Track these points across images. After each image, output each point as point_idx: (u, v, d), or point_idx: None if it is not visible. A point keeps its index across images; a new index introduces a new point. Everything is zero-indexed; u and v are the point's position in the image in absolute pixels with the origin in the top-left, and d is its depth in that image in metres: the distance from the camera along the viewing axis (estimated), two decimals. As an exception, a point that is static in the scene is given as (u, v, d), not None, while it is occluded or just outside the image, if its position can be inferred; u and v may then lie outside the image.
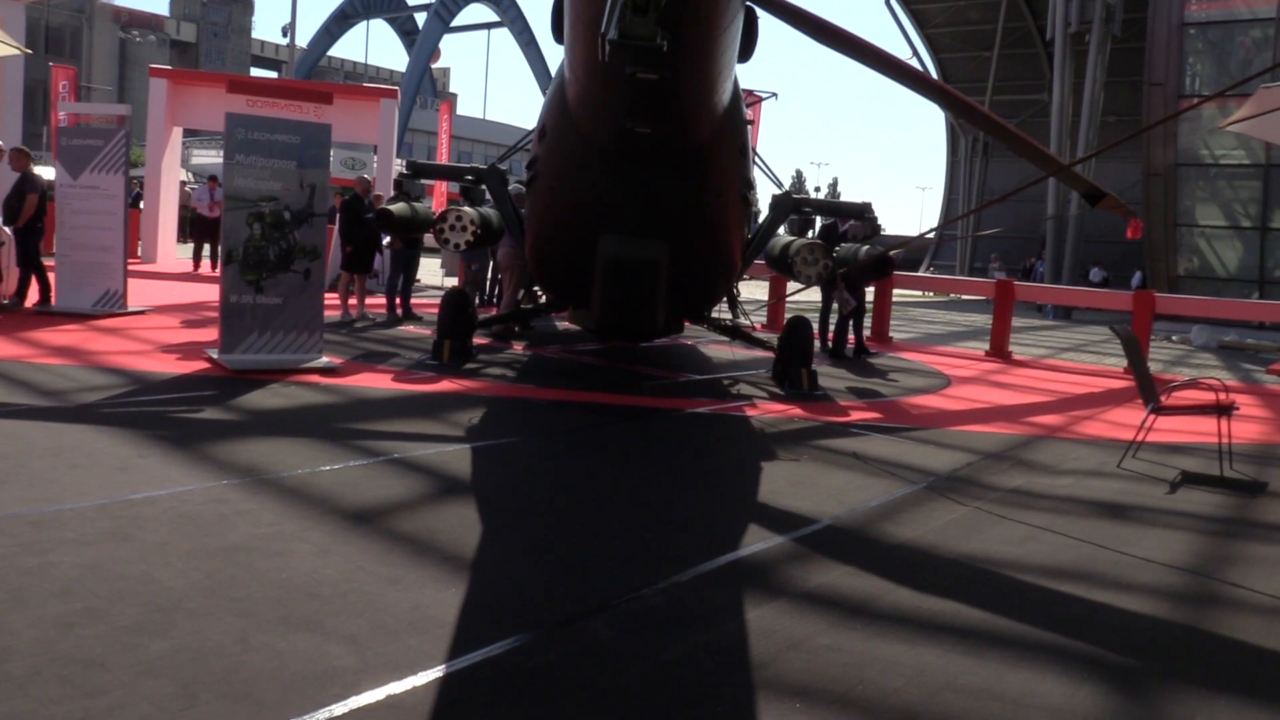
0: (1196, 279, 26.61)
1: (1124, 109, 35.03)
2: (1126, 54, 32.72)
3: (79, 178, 11.54)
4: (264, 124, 9.07)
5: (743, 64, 6.73)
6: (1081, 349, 17.27)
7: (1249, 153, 25.75)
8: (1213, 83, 26.05)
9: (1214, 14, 26.31)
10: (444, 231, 9.61)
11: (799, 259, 9.74)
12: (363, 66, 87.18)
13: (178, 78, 22.01)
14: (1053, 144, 29.87)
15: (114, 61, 76.05)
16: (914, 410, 9.36)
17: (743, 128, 7.98)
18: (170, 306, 12.94)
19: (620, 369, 10.66)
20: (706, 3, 5.01)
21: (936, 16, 44.77)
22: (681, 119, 6.61)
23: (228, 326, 8.66)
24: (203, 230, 19.89)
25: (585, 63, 6.04)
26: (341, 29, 61.40)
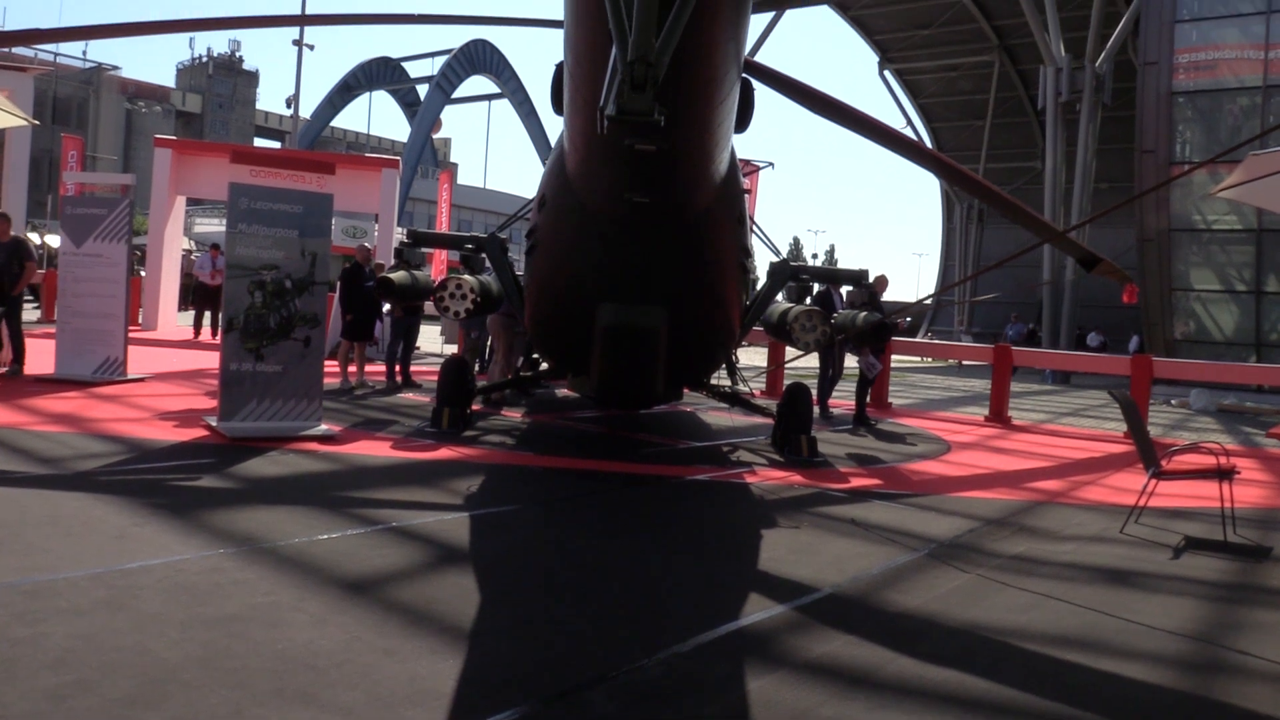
0: (1194, 343, 26.72)
1: (1116, 176, 35.52)
2: (1117, 122, 33.29)
3: (82, 246, 11.66)
4: (267, 194, 9.19)
5: (740, 134, 6.84)
6: (1081, 414, 17.26)
7: (1241, 218, 26.04)
8: (1203, 149, 26.44)
9: (1202, 83, 26.80)
10: (444, 300, 9.67)
11: (797, 325, 9.79)
12: (365, 137, 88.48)
13: (182, 148, 22.33)
14: (1047, 211, 30.25)
15: (120, 131, 77.20)
16: (914, 476, 9.33)
17: (740, 197, 8.08)
18: (170, 374, 12.97)
19: (619, 436, 10.65)
20: (703, 78, 5.11)
21: (929, 87, 45.59)
22: (680, 189, 6.70)
23: (227, 394, 8.67)
24: (204, 298, 20.02)
25: (584, 134, 6.14)
26: (344, 100, 62.49)
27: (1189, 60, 26.88)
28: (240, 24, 18.45)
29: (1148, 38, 27.28)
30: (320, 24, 44.43)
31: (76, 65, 72.82)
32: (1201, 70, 26.87)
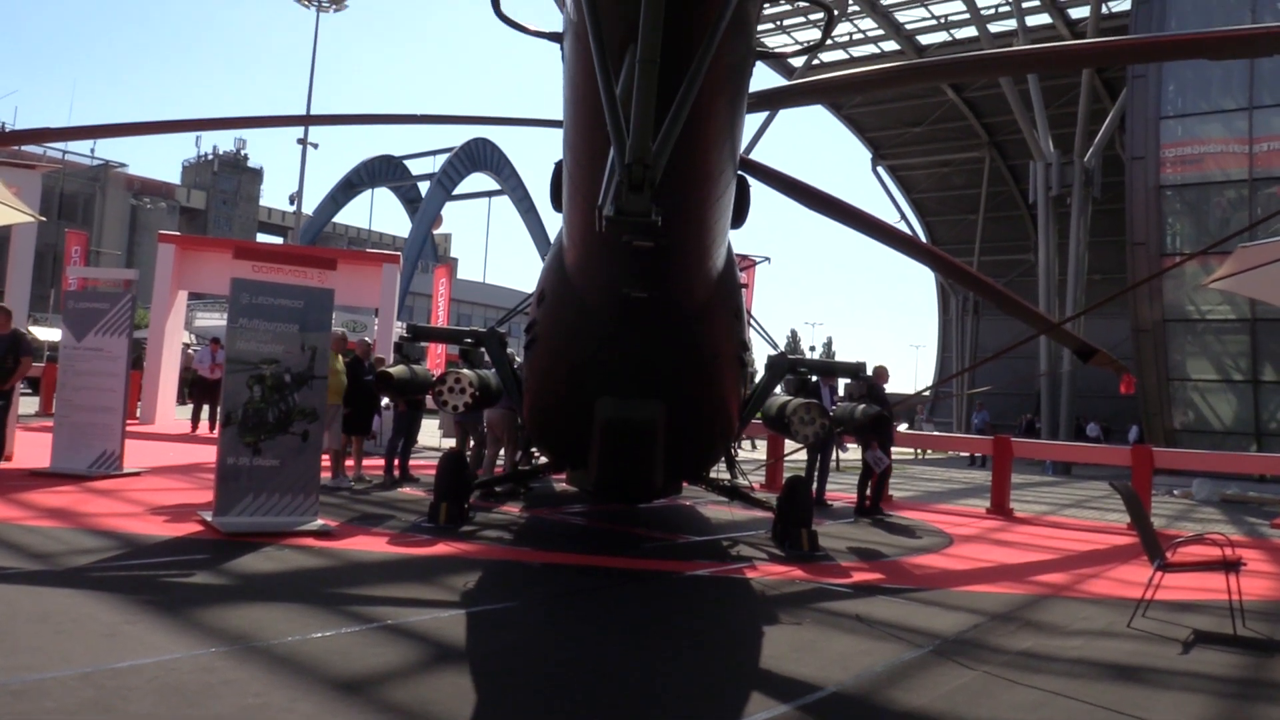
0: (1193, 432, 26.68)
1: (1109, 267, 35.95)
2: (1108, 215, 33.82)
3: (83, 340, 11.72)
4: (268, 289, 9.28)
5: (736, 229, 6.95)
6: (1083, 505, 17.14)
7: (1234, 308, 26.27)
8: (1193, 241, 26.81)
9: (1189, 177, 27.32)
10: (443, 394, 9.68)
11: (796, 418, 9.79)
12: (366, 232, 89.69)
13: (185, 243, 22.61)
14: (1041, 302, 30.51)
15: (124, 227, 78.30)
16: (917, 570, 9.22)
17: (737, 291, 8.17)
18: (167, 468, 12.90)
19: (618, 531, 10.54)
20: (700, 177, 5.21)
21: (922, 182, 46.46)
22: (677, 284, 6.78)
23: (223, 488, 8.61)
24: (203, 391, 20.04)
25: (583, 231, 6.24)
26: (347, 197, 63.49)
27: (1175, 155, 27.44)
28: (246, 124, 18.85)
29: (1134, 133, 27.91)
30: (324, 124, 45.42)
31: (84, 162, 74.23)
32: (1188, 164, 27.41)
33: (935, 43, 36.78)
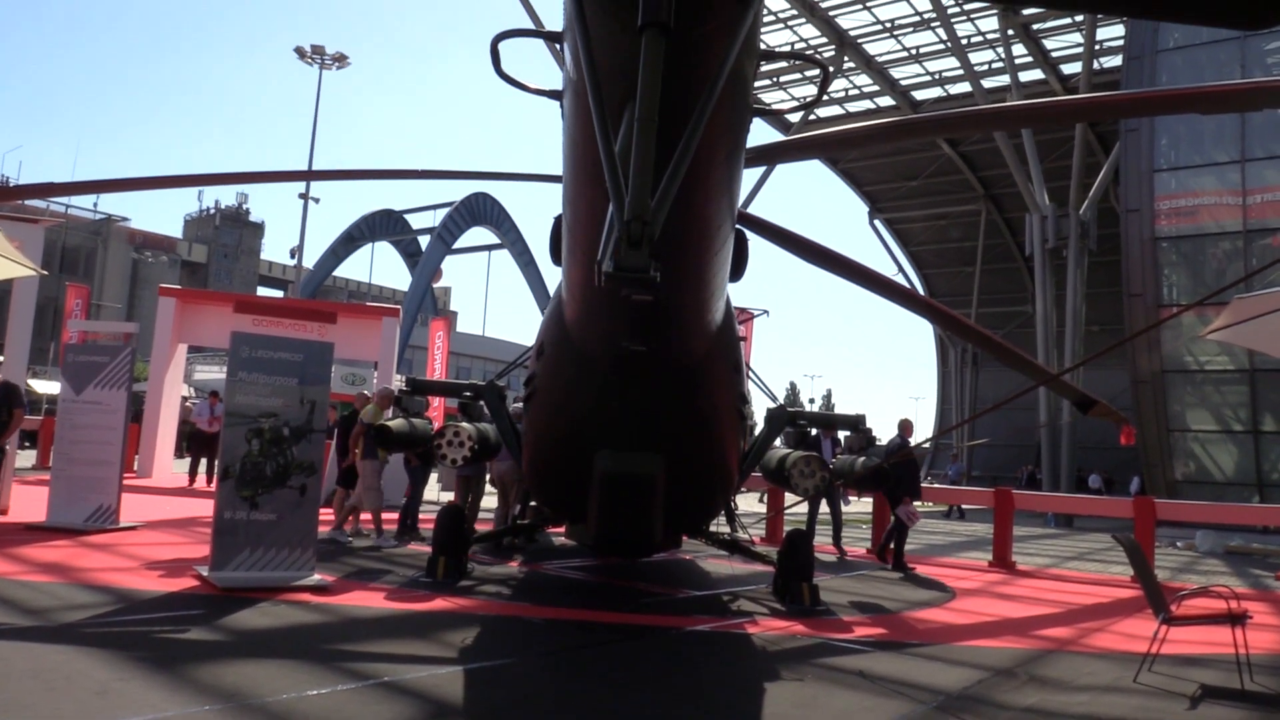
0: (1195, 483, 26.59)
1: (1107, 318, 36.11)
2: (1104, 266, 34.06)
3: (82, 393, 11.72)
4: (268, 342, 9.29)
5: (734, 283, 6.98)
6: (1085, 557, 17.01)
7: (1232, 358, 26.33)
8: (1189, 292, 26.96)
9: (1184, 228, 27.54)
10: (441, 447, 9.65)
11: (796, 471, 9.76)
12: (366, 285, 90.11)
13: (186, 297, 22.71)
14: (1040, 354, 30.60)
15: (125, 280, 78.64)
16: (920, 625, 9.12)
17: (736, 344, 8.18)
18: (163, 522, 12.82)
19: (618, 585, 10.45)
20: (698, 232, 5.26)
21: (919, 235, 46.83)
22: (676, 338, 6.80)
23: (219, 543, 8.55)
24: (200, 445, 20.00)
25: (582, 285, 6.27)
26: (347, 251, 63.81)
27: (1170, 206, 27.70)
28: (249, 179, 18.95)
29: (1128, 186, 28.20)
30: (326, 179, 45.84)
31: (87, 216, 74.77)
32: (1183, 216, 27.66)
33: (930, 98, 37.32)
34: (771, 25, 32.78)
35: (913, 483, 13.39)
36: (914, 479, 13.52)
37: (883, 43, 34.37)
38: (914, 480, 13.50)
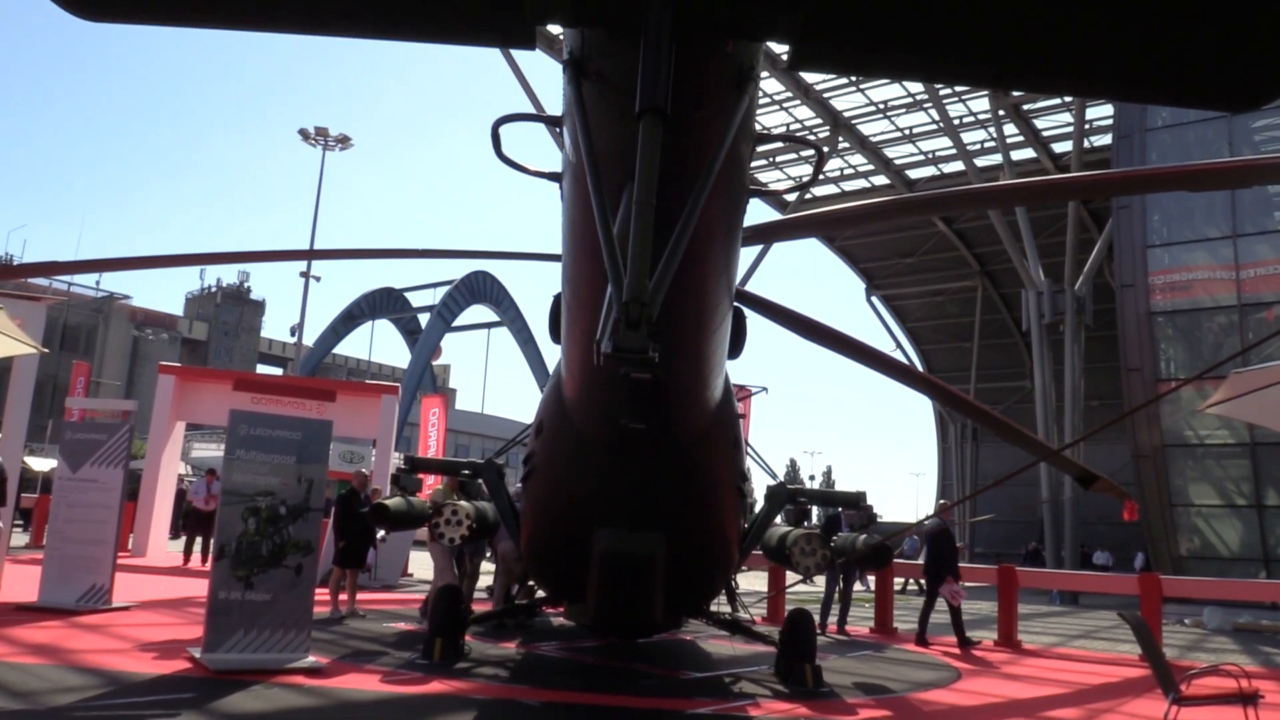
0: (1200, 559, 26.33)
1: (1106, 393, 36.12)
2: (1101, 341, 34.21)
3: (79, 471, 11.66)
4: (266, 420, 9.29)
5: (733, 360, 7.01)
6: (1092, 635, 16.76)
7: (1233, 432, 26.29)
8: (1187, 366, 27.03)
9: (1179, 303, 27.73)
10: (439, 525, 9.57)
11: (797, 549, 9.66)
12: (366, 363, 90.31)
13: (186, 375, 22.73)
14: (1039, 429, 30.54)
15: (125, 358, 78.78)
16: (925, 707, 8.95)
17: (735, 422, 8.18)
18: (156, 602, 12.65)
19: (617, 667, 10.27)
20: (697, 311, 5.30)
21: (916, 311, 47.09)
22: (675, 416, 6.80)
23: (214, 624, 8.42)
24: (196, 523, 19.85)
25: (581, 364, 6.30)
26: (347, 329, 64.06)
27: (1164, 281, 27.92)
28: (252, 258, 19.18)
29: (1122, 262, 28.46)
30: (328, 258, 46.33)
31: (89, 294, 75.23)
32: (1177, 291, 27.87)
33: (924, 177, 37.88)
34: (767, 107, 33.42)
35: (953, 562, 13.69)
36: (954, 558, 13.83)
37: (876, 123, 34.99)
38: (954, 560, 13.80)
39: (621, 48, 2.66)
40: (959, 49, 2.35)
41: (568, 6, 2.43)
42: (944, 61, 2.51)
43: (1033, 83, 2.70)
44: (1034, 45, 2.33)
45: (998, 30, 2.29)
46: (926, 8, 2.23)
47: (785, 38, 2.39)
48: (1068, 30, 2.26)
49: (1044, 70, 2.55)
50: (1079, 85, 2.47)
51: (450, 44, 2.41)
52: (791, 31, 2.35)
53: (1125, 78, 2.46)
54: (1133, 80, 2.50)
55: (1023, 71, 2.76)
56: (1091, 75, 2.51)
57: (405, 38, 2.45)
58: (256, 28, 2.32)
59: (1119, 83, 2.70)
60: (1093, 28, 2.23)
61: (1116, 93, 2.97)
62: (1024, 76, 3.51)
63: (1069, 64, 2.42)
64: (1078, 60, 2.38)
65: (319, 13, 2.30)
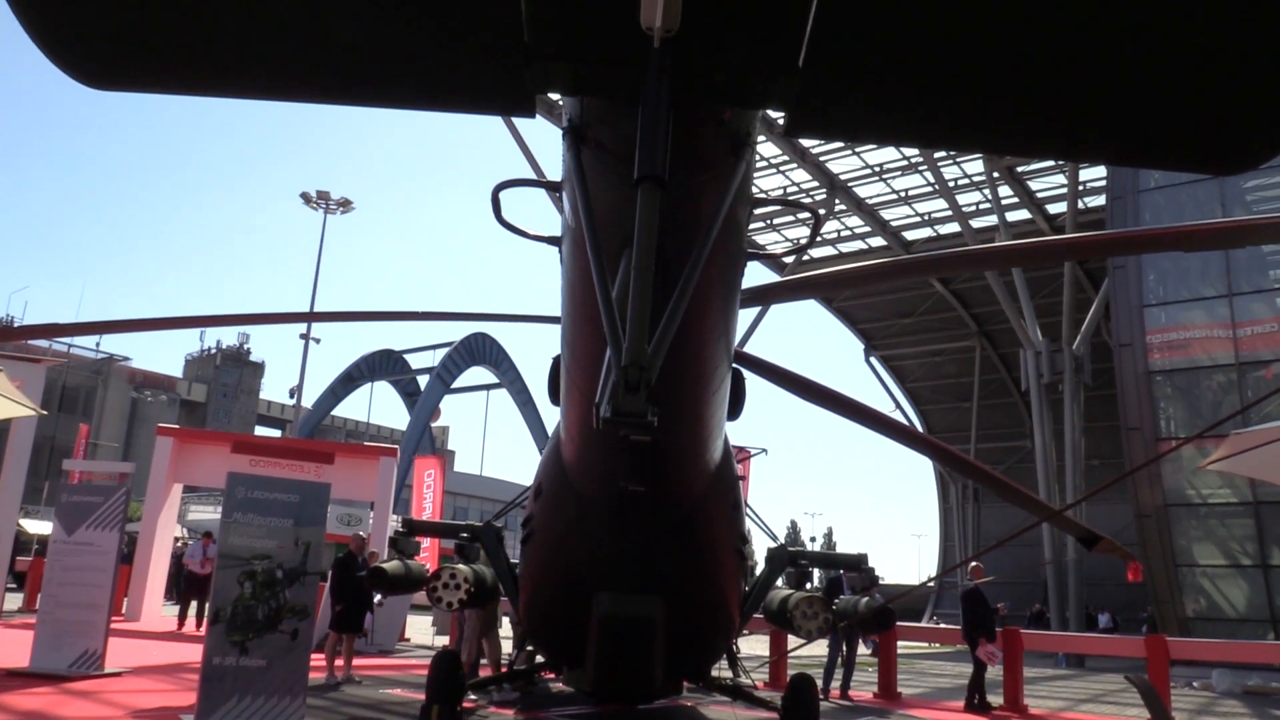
0: (1206, 620, 26.02)
1: (1106, 452, 36.04)
2: (1101, 400, 34.23)
3: (74, 534, 11.58)
4: (264, 483, 9.24)
5: (732, 421, 6.99)
6: (1100, 699, 16.51)
7: (1235, 491, 26.16)
8: (1186, 424, 26.99)
9: (1177, 362, 27.77)
10: (436, 590, 9.47)
11: (798, 613, 9.55)
12: (364, 425, 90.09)
13: (184, 437, 22.68)
14: (1041, 489, 30.42)
15: (124, 419, 78.66)
16: (931, 774, 8.78)
17: (735, 484, 8.14)
18: (150, 668, 12.48)
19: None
20: (695, 374, 5.31)
21: (915, 371, 47.17)
22: (674, 478, 6.78)
23: (206, 690, 8.29)
24: (192, 587, 19.66)
25: (580, 426, 6.29)
26: (347, 390, 64.03)
27: (1162, 340, 28.00)
28: (252, 320, 19.19)
29: (1119, 321, 28.58)
30: (328, 320, 46.50)
31: (89, 356, 75.35)
32: (1175, 350, 27.93)
33: (921, 238, 38.19)
34: (764, 170, 33.82)
35: (987, 624, 13.67)
36: (988, 620, 13.81)
37: (872, 186, 35.38)
38: (988, 622, 13.78)
39: (620, 115, 2.71)
40: (951, 117, 2.40)
41: (567, 76, 2.48)
42: (936, 129, 2.55)
43: (1025, 148, 2.76)
44: (1025, 112, 2.37)
45: (990, 98, 2.33)
46: (918, 77, 2.28)
47: (781, 105, 2.44)
48: (1058, 97, 2.30)
49: (1035, 136, 2.59)
50: (1070, 150, 2.51)
51: (452, 112, 2.45)
52: (787, 99, 2.40)
53: (1116, 142, 2.50)
54: (1123, 145, 2.54)
55: (1014, 137, 2.81)
56: (1082, 140, 2.55)
57: (408, 106, 2.49)
58: (263, 97, 2.36)
59: (1109, 147, 2.74)
60: (1083, 94, 2.27)
61: (1107, 157, 3.03)
62: (1016, 142, 3.56)
63: (1060, 129, 2.46)
64: (1068, 126, 2.43)
65: (325, 82, 2.35)
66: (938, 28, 2.16)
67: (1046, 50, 2.20)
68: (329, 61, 2.28)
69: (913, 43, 2.20)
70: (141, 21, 2.18)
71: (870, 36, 2.18)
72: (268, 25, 2.20)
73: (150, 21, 2.18)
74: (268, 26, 2.20)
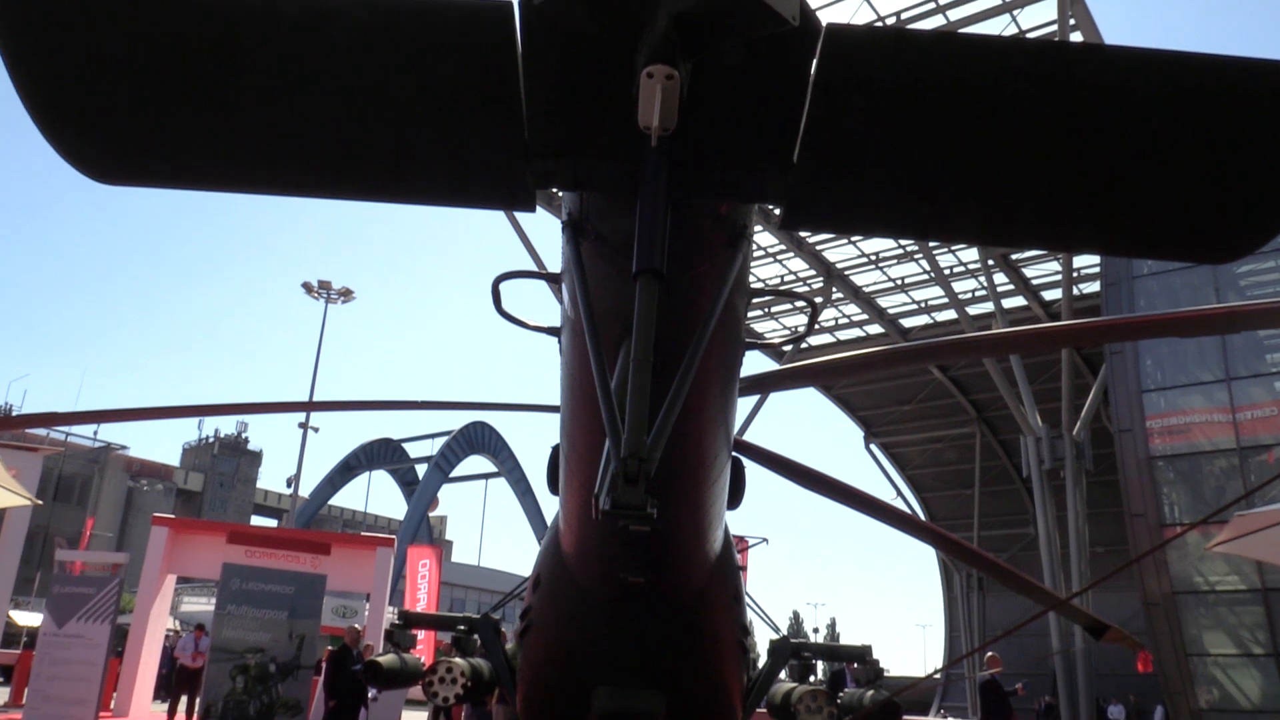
0: (1221, 711, 25.43)
1: (1111, 539, 35.69)
2: (1103, 486, 34.03)
3: (64, 626, 11.43)
4: (259, 574, 9.18)
5: (732, 510, 6.94)
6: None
7: (1243, 578, 25.81)
8: (1190, 510, 26.78)
9: (1178, 447, 27.66)
10: (432, 684, 9.27)
11: (802, 707, 9.33)
12: (362, 514, 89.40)
13: (179, 527, 22.46)
14: (1046, 578, 30.06)
15: (119, 508, 78.12)
16: None
17: (736, 574, 8.03)
18: (136, 769, 12.15)
19: (617, 833, 9.78)
20: (695, 464, 5.29)
21: (916, 458, 47.00)
22: (675, 569, 6.70)
23: (195, 793, 8.08)
24: (183, 680, 19.23)
25: (579, 516, 6.24)
26: (344, 480, 63.74)
27: (1162, 425, 27.93)
28: (251, 409, 19.25)
29: (1118, 407, 28.55)
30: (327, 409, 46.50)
31: (86, 444, 75.09)
32: (1176, 435, 27.84)
33: (918, 325, 38.44)
34: (761, 259, 34.21)
35: (1004, 715, 13.70)
36: (1006, 711, 13.84)
37: (869, 273, 35.73)
38: (1005, 713, 13.82)
39: (618, 210, 2.75)
40: (943, 210, 2.44)
41: (566, 172, 2.53)
42: (929, 221, 2.59)
43: (1018, 240, 2.80)
44: (1016, 205, 2.41)
45: (981, 191, 2.38)
46: (910, 172, 2.32)
47: (776, 200, 2.48)
48: (1048, 190, 2.34)
49: (1027, 228, 2.63)
50: (1061, 242, 2.53)
51: (455, 207, 2.50)
52: (781, 194, 2.44)
53: (1106, 234, 2.53)
54: (1114, 237, 2.57)
55: (1007, 230, 2.84)
56: (1072, 232, 2.58)
57: (411, 201, 2.54)
58: (269, 192, 2.40)
59: (1100, 239, 2.77)
60: (1072, 187, 2.31)
61: (1098, 248, 3.10)
62: (1009, 234, 3.61)
63: (1050, 222, 2.50)
64: (1059, 218, 2.46)
65: (331, 179, 2.40)
66: (928, 124, 2.21)
67: (1036, 145, 2.25)
68: (335, 158, 2.33)
69: (904, 138, 2.26)
70: (152, 119, 2.23)
71: (862, 132, 2.23)
72: (275, 123, 2.25)
73: (161, 119, 2.23)
74: (275, 125, 2.25)
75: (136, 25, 2.10)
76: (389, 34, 2.12)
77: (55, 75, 2.15)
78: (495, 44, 2.06)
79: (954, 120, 2.14)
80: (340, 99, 2.20)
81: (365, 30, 2.12)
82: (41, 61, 2.11)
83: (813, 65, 2.09)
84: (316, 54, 2.14)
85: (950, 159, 2.22)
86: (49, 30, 2.10)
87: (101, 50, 2.12)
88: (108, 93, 2.17)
